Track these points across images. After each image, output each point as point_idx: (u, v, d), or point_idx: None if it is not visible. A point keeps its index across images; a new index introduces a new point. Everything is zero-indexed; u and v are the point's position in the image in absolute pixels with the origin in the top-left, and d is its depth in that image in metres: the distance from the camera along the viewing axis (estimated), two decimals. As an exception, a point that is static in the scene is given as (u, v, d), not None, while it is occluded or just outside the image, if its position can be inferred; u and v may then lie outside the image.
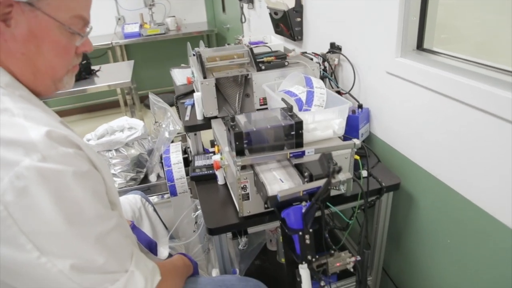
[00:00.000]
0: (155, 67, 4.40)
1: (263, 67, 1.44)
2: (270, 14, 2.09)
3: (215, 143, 1.35)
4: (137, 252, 0.77)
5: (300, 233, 0.90)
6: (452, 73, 1.06)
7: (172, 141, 1.66)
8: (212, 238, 1.27)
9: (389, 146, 1.40)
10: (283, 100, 1.16)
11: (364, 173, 1.20)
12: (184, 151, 1.57)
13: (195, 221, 1.45)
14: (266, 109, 1.43)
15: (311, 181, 0.94)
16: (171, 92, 3.14)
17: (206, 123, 1.46)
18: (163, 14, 4.14)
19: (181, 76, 1.98)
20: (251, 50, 1.48)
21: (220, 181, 1.31)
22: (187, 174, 1.50)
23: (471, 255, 1.12)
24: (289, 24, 1.95)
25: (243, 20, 3.01)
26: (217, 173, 1.29)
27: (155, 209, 1.45)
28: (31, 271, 0.62)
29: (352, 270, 1.02)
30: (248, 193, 1.07)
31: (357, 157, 1.15)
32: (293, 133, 1.06)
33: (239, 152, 1.04)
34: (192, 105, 1.61)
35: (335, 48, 1.63)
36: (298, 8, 1.89)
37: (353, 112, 1.41)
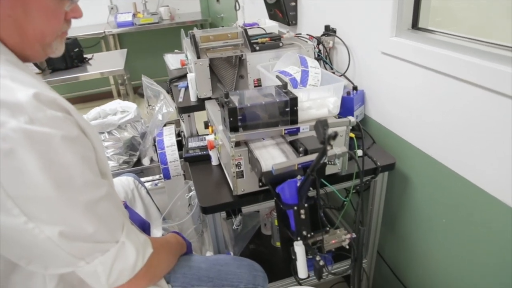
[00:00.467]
0: (149, 57, 4.36)
1: (258, 48, 1.42)
2: (265, 0, 2.07)
3: (209, 124, 1.33)
4: (128, 225, 0.76)
5: (295, 208, 0.89)
6: (449, 50, 1.05)
7: (165, 125, 1.65)
8: (206, 219, 1.26)
9: (384, 128, 1.39)
10: (278, 77, 1.14)
11: (360, 153, 1.19)
12: (178, 135, 1.56)
13: (189, 203, 1.43)
14: (261, 87, 1.42)
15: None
16: (165, 82, 3.12)
17: (200, 104, 1.45)
18: (157, 4, 4.10)
19: (175, 61, 1.96)
20: (245, 31, 1.46)
21: (214, 162, 1.29)
22: (181, 158, 1.49)
23: (467, 234, 1.12)
24: (284, 9, 1.93)
25: (237, 8, 2.99)
26: (211, 153, 1.28)
27: (148, 192, 1.43)
28: (19, 237, 0.60)
29: (348, 247, 1.02)
30: (242, 171, 1.06)
31: (352, 135, 1.14)
32: (288, 110, 1.05)
33: (233, 129, 1.03)
34: (186, 88, 1.59)
35: (330, 31, 1.61)
36: (293, -8, 1.87)
37: (348, 94, 1.40)
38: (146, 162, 1.82)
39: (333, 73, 1.52)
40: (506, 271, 0.99)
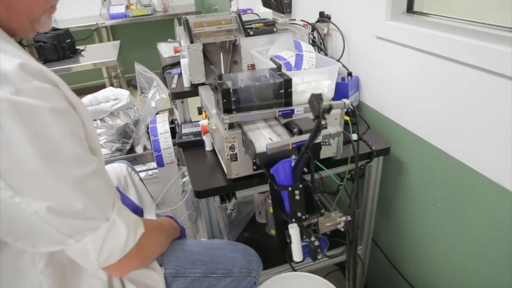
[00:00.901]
0: (142, 50, 4.33)
1: (252, 33, 1.41)
2: (259, -13, 2.05)
3: (203, 110, 1.31)
4: (119, 203, 0.74)
5: (290, 189, 0.88)
6: (445, 32, 1.04)
7: (158, 113, 1.63)
8: (200, 205, 1.25)
9: (379, 113, 1.38)
10: (272, 60, 1.13)
11: (355, 137, 1.18)
12: (171, 122, 1.54)
13: (182, 190, 1.42)
14: (255, 70, 1.40)
15: (301, 136, 0.92)
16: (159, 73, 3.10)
17: (194, 90, 1.43)
18: (150, -5, 4.06)
19: (168, 49, 1.94)
20: (239, 16, 1.44)
21: (208, 147, 1.28)
22: (174, 146, 1.47)
23: (462, 219, 1.11)
24: (278, -4, 1.91)
25: (231, -2, 2.97)
26: (205, 139, 1.26)
27: (141, 179, 1.41)
28: (6, 211, 0.58)
29: (343, 230, 1.01)
30: (236, 154, 1.05)
31: (347, 118, 1.13)
32: (282, 92, 1.04)
33: (227, 111, 1.01)
34: (179, 75, 1.58)
35: (324, 17, 1.60)
36: (287, -21, 1.85)
37: (343, 80, 1.39)
38: (139, 150, 1.80)
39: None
40: (503, 257, 0.99)
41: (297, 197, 0.89)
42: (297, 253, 0.95)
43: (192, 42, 1.36)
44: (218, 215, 1.43)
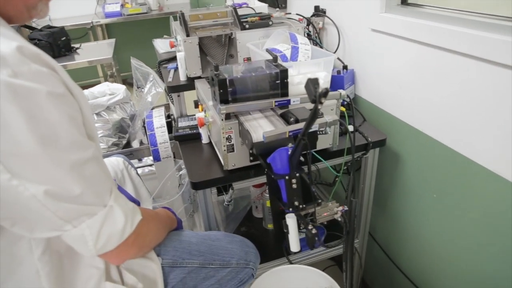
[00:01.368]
0: (138, 48, 4.32)
1: (247, 26, 1.41)
2: (254, -17, 2.05)
3: (199, 103, 1.32)
4: (116, 190, 0.74)
5: (287, 178, 0.88)
6: (440, 22, 1.04)
7: (153, 108, 1.63)
8: (197, 198, 1.25)
9: (375, 106, 1.38)
10: (268, 51, 1.13)
11: (351, 128, 1.19)
12: (168, 117, 1.54)
13: (179, 183, 1.42)
14: (251, 61, 1.40)
15: (297, 124, 0.92)
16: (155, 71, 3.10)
17: (190, 84, 1.43)
18: (145, -6, 4.05)
19: (164, 45, 1.94)
20: (235, 10, 1.45)
21: (204, 140, 1.28)
22: (171, 140, 1.47)
23: (458, 208, 1.12)
24: (273, -8, 1.92)
25: (227, -4, 2.97)
26: (201, 131, 1.26)
27: (138, 173, 1.41)
28: (3, 194, 0.58)
29: (340, 220, 1.01)
30: (233, 144, 1.05)
31: (343, 109, 1.13)
32: (278, 82, 1.04)
33: (224, 101, 1.01)
34: (175, 69, 1.58)
35: (320, 11, 1.61)
36: (282, -26, 1.86)
37: (338, 73, 1.40)
38: (136, 145, 1.79)
39: (324, 52, 1.51)
40: (501, 247, 0.99)
41: (294, 186, 0.89)
42: (294, 244, 0.95)
43: (188, 36, 1.36)
44: (215, 209, 1.43)
